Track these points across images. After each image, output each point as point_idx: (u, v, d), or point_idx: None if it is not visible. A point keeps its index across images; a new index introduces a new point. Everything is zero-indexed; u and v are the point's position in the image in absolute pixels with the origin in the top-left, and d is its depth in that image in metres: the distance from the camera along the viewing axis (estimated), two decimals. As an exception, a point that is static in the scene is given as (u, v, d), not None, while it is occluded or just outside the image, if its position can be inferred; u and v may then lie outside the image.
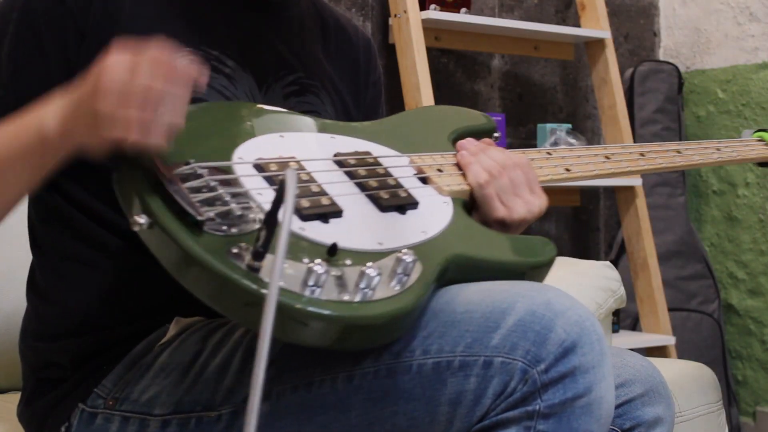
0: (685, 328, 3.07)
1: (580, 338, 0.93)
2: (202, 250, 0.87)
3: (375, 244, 0.97)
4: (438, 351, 0.95)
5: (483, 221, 1.13)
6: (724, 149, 1.49)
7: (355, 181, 1.04)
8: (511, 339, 0.93)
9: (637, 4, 3.31)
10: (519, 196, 1.13)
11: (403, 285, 0.92)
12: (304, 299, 0.87)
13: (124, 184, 0.94)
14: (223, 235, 0.90)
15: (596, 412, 0.94)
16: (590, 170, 1.27)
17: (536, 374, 0.92)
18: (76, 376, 1.12)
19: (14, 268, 1.68)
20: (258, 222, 0.92)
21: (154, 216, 0.89)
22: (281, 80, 1.23)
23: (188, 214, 0.89)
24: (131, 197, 0.93)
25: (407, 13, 2.49)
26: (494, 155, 1.15)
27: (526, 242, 1.11)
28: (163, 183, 0.91)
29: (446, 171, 1.13)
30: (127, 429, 1.07)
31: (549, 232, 3.10)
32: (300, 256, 0.91)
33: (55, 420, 1.12)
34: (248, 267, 0.87)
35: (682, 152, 1.41)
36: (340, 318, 0.88)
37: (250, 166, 0.99)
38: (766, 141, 1.60)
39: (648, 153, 1.36)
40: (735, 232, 3.15)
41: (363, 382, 0.97)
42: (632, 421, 1.10)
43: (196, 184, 0.93)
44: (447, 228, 1.05)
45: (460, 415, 0.95)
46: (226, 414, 1.03)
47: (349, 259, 0.93)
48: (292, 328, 0.88)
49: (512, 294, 0.96)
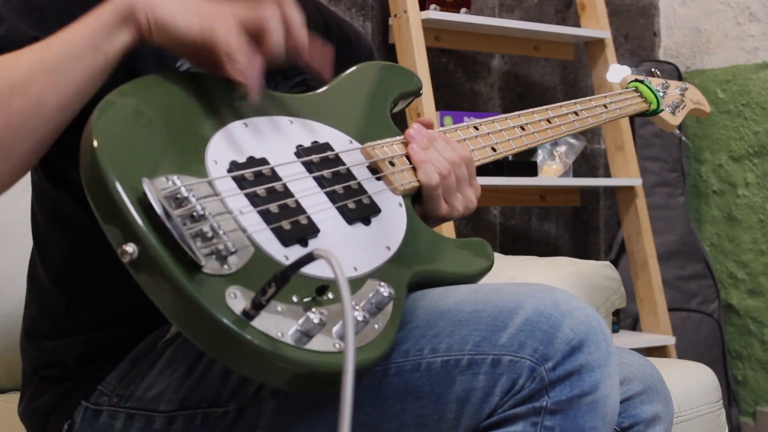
0: (685, 328, 3.07)
1: (587, 337, 0.95)
2: (200, 295, 0.84)
3: (351, 270, 0.97)
4: (447, 349, 0.97)
5: (423, 214, 1.16)
6: (610, 107, 1.50)
7: (324, 191, 1.04)
8: (519, 338, 0.95)
9: (637, 4, 3.31)
10: (461, 191, 1.17)
11: (380, 321, 0.93)
12: (300, 352, 0.86)
13: (114, 207, 0.87)
14: (218, 275, 0.86)
15: (602, 410, 0.95)
16: (511, 147, 1.31)
17: (544, 372, 0.94)
18: (79, 374, 1.12)
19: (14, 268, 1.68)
20: (246, 254, 0.90)
21: (147, 250, 0.85)
22: (288, 81, 1.24)
23: (186, 254, 0.85)
24: (121, 225, 0.86)
25: (407, 13, 2.50)
26: (444, 152, 1.17)
27: (470, 247, 1.15)
28: (156, 212, 0.85)
29: (398, 164, 1.15)
30: (132, 425, 1.07)
31: (549, 232, 3.10)
32: (288, 294, 0.89)
33: (58, 417, 1.12)
34: (244, 314, 0.85)
35: (579, 114, 1.44)
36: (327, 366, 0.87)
37: (229, 179, 0.96)
38: (641, 93, 1.57)
39: (553, 119, 1.39)
40: (735, 232, 3.15)
41: (372, 380, 0.98)
42: (630, 419, 1.11)
43: (187, 212, 0.88)
44: (405, 238, 1.07)
45: (468, 413, 0.96)
46: (232, 410, 1.04)
47: (332, 293, 0.93)
48: (274, 373, 0.87)
49: (520, 294, 0.98)
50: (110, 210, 0.87)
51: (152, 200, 0.85)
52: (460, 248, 1.15)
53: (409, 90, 1.30)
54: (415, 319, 1.00)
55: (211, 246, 0.87)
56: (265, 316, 0.86)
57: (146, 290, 0.87)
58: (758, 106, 3.08)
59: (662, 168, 3.18)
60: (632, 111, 1.55)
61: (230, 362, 0.88)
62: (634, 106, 1.55)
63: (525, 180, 2.67)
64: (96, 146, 0.88)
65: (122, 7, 0.97)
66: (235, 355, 0.86)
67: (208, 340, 0.86)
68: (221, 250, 0.88)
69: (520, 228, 3.04)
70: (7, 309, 1.68)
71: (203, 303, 0.84)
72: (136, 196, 0.86)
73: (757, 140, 3.08)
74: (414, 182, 1.14)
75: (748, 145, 3.11)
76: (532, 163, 2.73)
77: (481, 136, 1.27)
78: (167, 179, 0.89)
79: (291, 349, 0.85)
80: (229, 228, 0.91)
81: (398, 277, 1.00)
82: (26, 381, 1.18)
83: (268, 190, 0.97)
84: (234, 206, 0.93)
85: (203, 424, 1.05)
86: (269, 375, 0.88)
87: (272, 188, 0.98)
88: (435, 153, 1.16)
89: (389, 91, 1.27)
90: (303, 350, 0.86)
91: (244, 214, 0.94)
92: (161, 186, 0.88)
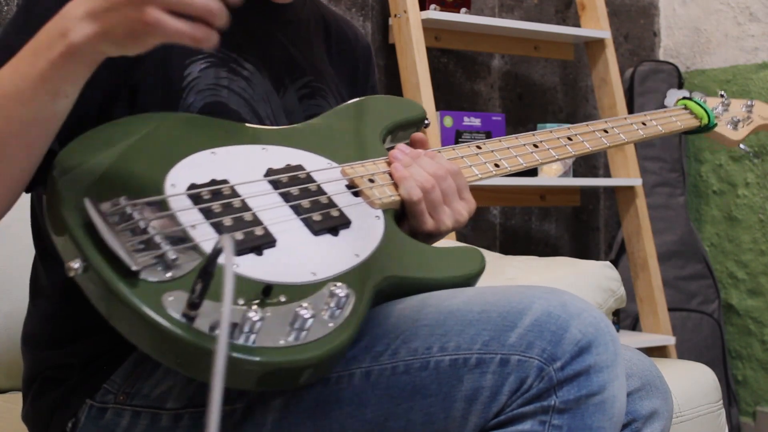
0: (685, 328, 3.07)
1: (596, 338, 0.96)
2: (138, 300, 0.88)
3: (309, 275, 0.98)
4: (455, 348, 0.97)
5: (411, 231, 1.15)
6: (649, 123, 1.48)
7: (289, 204, 1.05)
8: (528, 338, 0.96)
9: (637, 4, 3.31)
10: (449, 205, 1.16)
11: (336, 321, 0.94)
12: (237, 347, 0.87)
13: (59, 226, 0.93)
14: (158, 282, 0.90)
15: (609, 411, 0.96)
16: (518, 163, 1.28)
17: (552, 371, 0.95)
18: (84, 373, 1.12)
19: (14, 268, 1.68)
20: (193, 262, 0.92)
21: (89, 261, 0.89)
22: (295, 83, 1.25)
23: (122, 261, 0.88)
24: (65, 241, 0.92)
25: (407, 13, 2.49)
26: (427, 166, 1.16)
27: (456, 255, 1.14)
28: (96, 227, 0.90)
29: (378, 181, 1.14)
30: (138, 423, 1.07)
31: (549, 232, 3.10)
32: (235, 297, 0.91)
33: (61, 416, 1.12)
34: (184, 316, 0.87)
35: (609, 132, 1.41)
36: (271, 363, 0.89)
37: (185, 197, 0.99)
38: (690, 109, 1.57)
39: (575, 137, 1.36)
40: (735, 232, 3.15)
41: (380, 379, 0.99)
42: (629, 415, 1.12)
43: (130, 226, 0.92)
44: (379, 247, 1.07)
45: (475, 412, 0.96)
46: (240, 408, 1.04)
47: (284, 296, 0.94)
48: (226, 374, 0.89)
49: (529, 296, 0.99)
50: (59, 229, 0.93)
51: (92, 217, 0.90)
52: (446, 255, 1.14)
53: (406, 118, 1.28)
54: (424, 317, 1.01)
55: (151, 255, 0.91)
56: (206, 316, 0.88)
57: (93, 302, 0.92)
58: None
59: (662, 168, 3.18)
60: (679, 127, 1.54)
61: (177, 364, 0.90)
62: (682, 122, 1.55)
63: (525, 180, 2.67)
64: (54, 173, 0.97)
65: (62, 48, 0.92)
66: (178, 356, 0.89)
67: (152, 343, 0.90)
68: (163, 259, 0.91)
69: (520, 228, 3.04)
70: (7, 309, 1.68)
71: (139, 306, 0.87)
72: (81, 215, 0.92)
73: (757, 140, 3.08)
74: (395, 196, 1.14)
75: (748, 145, 3.11)
76: (532, 163, 2.73)
77: (482, 154, 1.26)
78: (117, 200, 0.94)
79: (233, 346, 0.87)
80: (177, 239, 0.94)
81: (364, 282, 1.00)
82: (29, 382, 1.18)
83: (223, 205, 1.00)
84: (186, 220, 0.96)
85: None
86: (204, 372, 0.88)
87: (229, 203, 1.00)
88: (417, 168, 1.15)
89: (382, 119, 1.26)
90: (239, 346, 0.88)
91: (195, 227, 0.96)
92: (108, 206, 0.93)
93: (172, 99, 1.12)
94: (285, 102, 1.22)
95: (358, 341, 1.00)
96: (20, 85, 0.94)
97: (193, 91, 1.13)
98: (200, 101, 1.13)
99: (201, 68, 1.14)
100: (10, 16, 1.08)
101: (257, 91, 1.19)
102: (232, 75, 1.16)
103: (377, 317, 1.04)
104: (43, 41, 0.93)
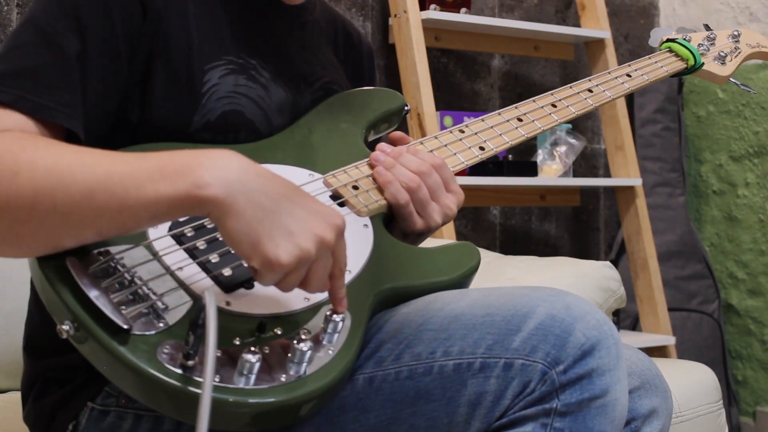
0: (685, 328, 3.07)
1: (599, 342, 0.96)
2: (133, 356, 0.87)
3: (302, 301, 0.97)
4: (459, 352, 0.97)
5: (402, 232, 1.15)
6: (634, 74, 1.44)
7: None
8: (532, 342, 0.95)
9: (637, 4, 3.31)
10: (437, 201, 1.15)
11: (335, 346, 0.94)
12: (237, 391, 0.87)
13: (46, 290, 0.92)
14: (152, 334, 0.89)
15: (611, 414, 0.96)
16: (504, 142, 1.25)
17: (555, 375, 0.95)
18: (86, 376, 1.12)
19: (14, 268, 1.68)
20: (183, 306, 0.92)
21: (80, 323, 0.89)
22: (310, 86, 1.25)
23: (113, 321, 0.88)
24: (55, 304, 0.91)
25: (407, 13, 2.50)
26: (410, 163, 1.15)
27: (450, 254, 1.13)
28: (82, 289, 0.89)
29: (362, 186, 1.13)
30: (140, 426, 1.07)
31: (549, 232, 3.10)
32: (230, 338, 0.91)
33: (63, 418, 1.12)
34: (181, 366, 0.87)
35: (594, 90, 1.37)
36: (274, 403, 0.88)
37: (168, 238, 0.98)
38: (676, 51, 1.52)
39: (560, 102, 1.33)
40: (735, 232, 3.15)
41: (384, 384, 0.99)
42: (628, 414, 1.11)
43: (117, 280, 0.92)
44: (370, 259, 1.06)
45: (479, 416, 0.96)
46: None
47: (280, 328, 0.94)
48: (228, 419, 0.88)
49: (533, 298, 0.98)
50: (48, 295, 0.92)
51: (75, 278, 0.89)
52: (439, 256, 1.13)
53: (387, 110, 1.27)
54: (428, 322, 1.00)
55: (140, 308, 0.90)
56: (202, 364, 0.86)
57: (92, 361, 0.92)
58: (758, 106, 3.08)
59: (662, 168, 3.18)
60: (665, 73, 1.48)
61: (178, 414, 0.90)
62: (667, 67, 1.49)
63: (525, 180, 2.67)
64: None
65: (194, 198, 0.89)
66: (181, 407, 0.88)
67: (154, 398, 0.89)
68: (154, 309, 0.91)
69: (520, 228, 3.04)
70: (7, 309, 1.68)
71: (135, 362, 0.87)
72: (66, 275, 0.90)
73: (757, 140, 3.08)
74: (381, 200, 1.13)
75: (748, 145, 3.11)
76: (532, 163, 2.73)
77: (466, 138, 1.24)
78: (99, 254, 0.93)
79: (232, 390, 0.87)
80: (165, 285, 0.93)
81: (358, 300, 1.00)
82: (30, 384, 1.18)
83: (207, 240, 0.98)
84: (171, 262, 0.96)
85: None
86: (224, 422, 0.88)
87: (213, 238, 0.99)
88: (401, 169, 1.14)
89: (362, 115, 1.25)
90: (245, 390, 0.87)
91: (182, 268, 0.95)
92: (91, 262, 0.92)
93: (190, 104, 1.11)
94: (300, 107, 1.22)
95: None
96: (130, 202, 0.89)
97: (213, 98, 1.12)
98: (218, 109, 1.12)
99: (221, 74, 1.13)
100: (8, 16, 1.07)
101: (274, 100, 1.18)
102: (250, 82, 1.15)
103: (380, 322, 1.04)
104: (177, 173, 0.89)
